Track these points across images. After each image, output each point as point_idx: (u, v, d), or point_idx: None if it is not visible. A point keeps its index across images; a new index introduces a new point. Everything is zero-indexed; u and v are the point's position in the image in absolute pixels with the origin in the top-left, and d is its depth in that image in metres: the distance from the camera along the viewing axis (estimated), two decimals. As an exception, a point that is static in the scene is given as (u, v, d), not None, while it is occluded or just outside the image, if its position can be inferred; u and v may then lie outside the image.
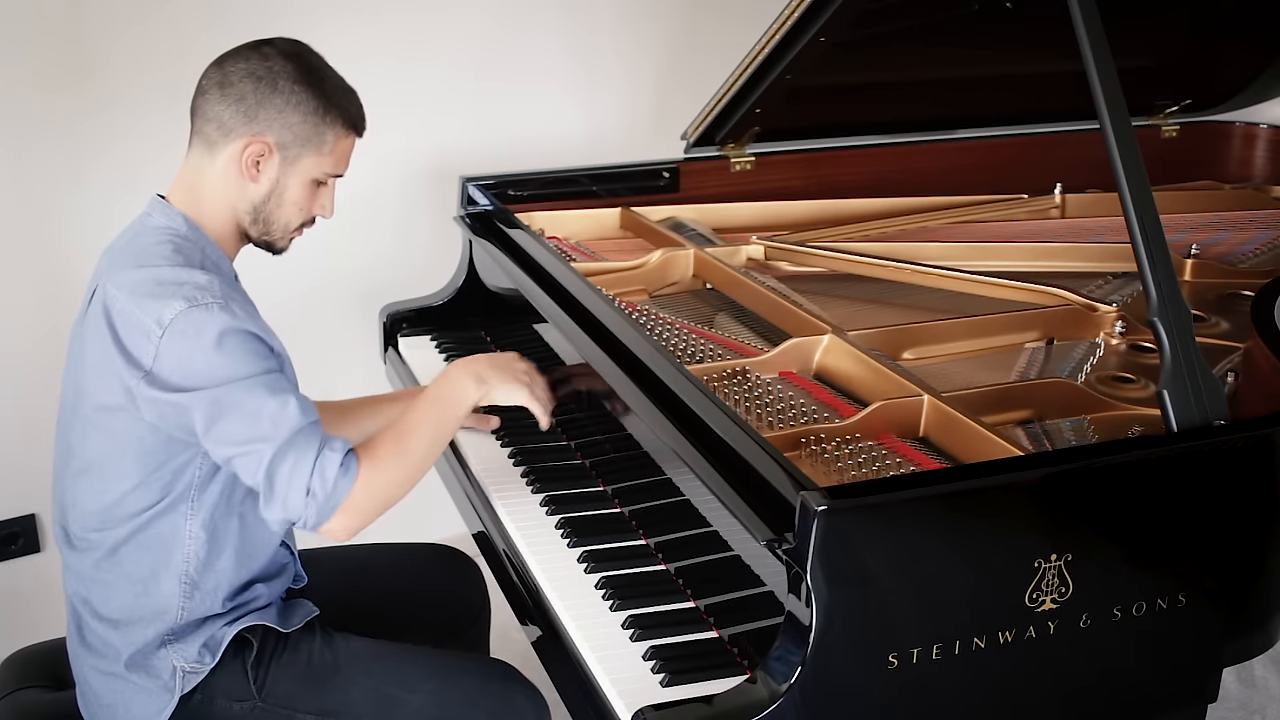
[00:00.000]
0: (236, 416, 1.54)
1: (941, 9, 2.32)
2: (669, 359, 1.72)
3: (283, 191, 1.68)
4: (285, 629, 1.71)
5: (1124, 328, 2.03)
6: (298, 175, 1.68)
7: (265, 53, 1.66)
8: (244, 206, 1.68)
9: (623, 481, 1.85)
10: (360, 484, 1.58)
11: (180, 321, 1.53)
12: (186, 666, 1.65)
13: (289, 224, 1.72)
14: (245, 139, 1.64)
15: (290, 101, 1.64)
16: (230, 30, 2.70)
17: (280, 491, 1.55)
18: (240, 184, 1.66)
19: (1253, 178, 2.96)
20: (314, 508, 1.56)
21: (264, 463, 1.54)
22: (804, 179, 2.65)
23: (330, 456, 1.56)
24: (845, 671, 1.35)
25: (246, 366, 1.55)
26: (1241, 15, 2.57)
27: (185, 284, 1.56)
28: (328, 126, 1.67)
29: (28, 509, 2.72)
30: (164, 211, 1.67)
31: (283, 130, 1.64)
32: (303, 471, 1.54)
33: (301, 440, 1.55)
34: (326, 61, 1.71)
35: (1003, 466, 1.48)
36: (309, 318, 2.93)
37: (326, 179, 1.71)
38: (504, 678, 1.75)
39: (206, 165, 1.66)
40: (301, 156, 1.67)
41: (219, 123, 1.64)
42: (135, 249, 1.64)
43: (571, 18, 3.04)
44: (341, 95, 1.69)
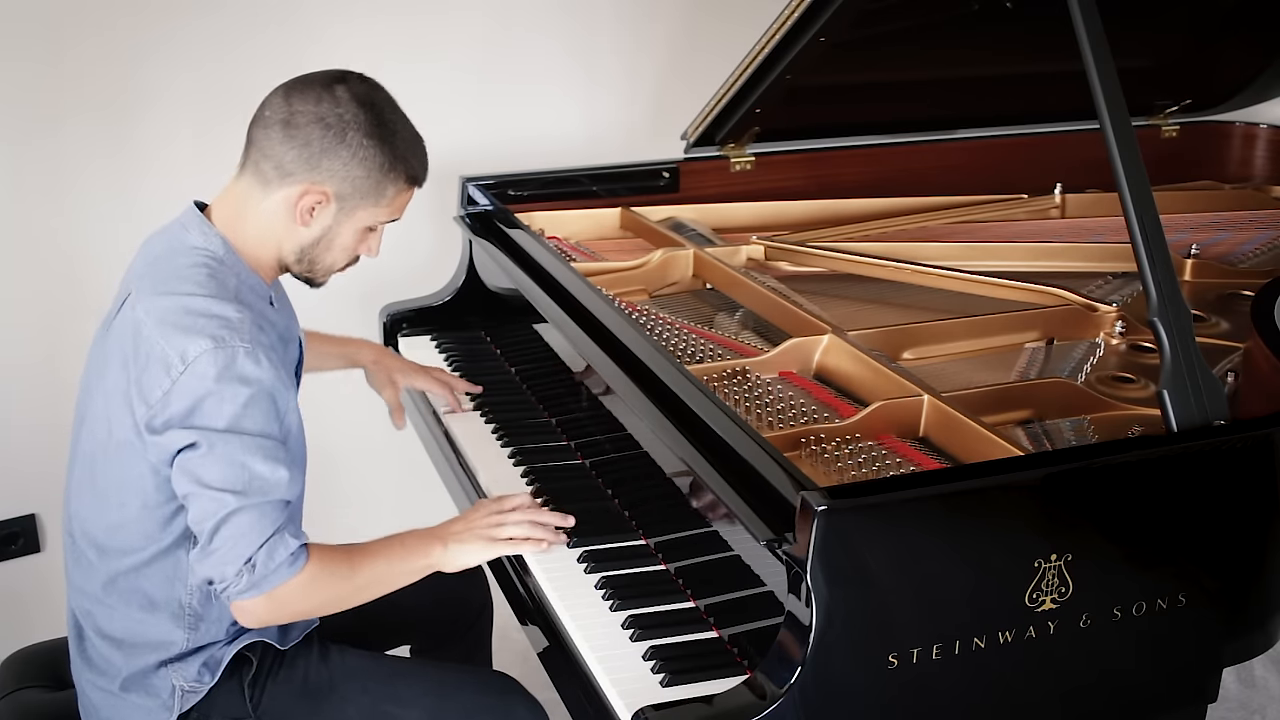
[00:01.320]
0: (221, 463, 1.50)
1: (941, 9, 2.32)
2: (669, 359, 1.72)
3: (334, 238, 1.64)
4: (283, 645, 1.70)
5: (1124, 328, 2.03)
6: (351, 224, 1.64)
7: (338, 97, 1.58)
8: (290, 246, 1.63)
9: (623, 481, 1.84)
10: (300, 580, 1.54)
11: (204, 361, 1.49)
12: (186, 686, 1.64)
13: (334, 265, 1.68)
14: (303, 186, 1.58)
15: (357, 155, 1.58)
16: (230, 30, 2.71)
17: (220, 549, 1.50)
18: (290, 226, 1.61)
19: (1253, 178, 2.96)
20: (246, 580, 1.51)
21: (220, 513, 1.50)
22: (804, 179, 2.65)
23: (287, 541, 1.52)
24: (845, 671, 1.35)
25: (253, 425, 1.51)
26: (1241, 15, 2.57)
27: (215, 318, 1.52)
28: (390, 182, 1.62)
29: (28, 509, 2.72)
30: (202, 230, 1.61)
31: (343, 183, 1.59)
32: (252, 540, 1.50)
33: (266, 510, 1.51)
34: (399, 108, 1.66)
35: (1003, 466, 1.48)
36: (309, 318, 2.92)
37: (380, 226, 1.68)
38: (502, 690, 1.74)
39: (258, 198, 1.60)
40: (359, 209, 1.62)
41: (277, 162, 1.58)
42: (170, 270, 1.59)
43: (572, 18, 3.04)
44: (409, 150, 1.64)
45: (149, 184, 2.62)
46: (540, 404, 2.14)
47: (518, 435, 2.05)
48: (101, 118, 2.60)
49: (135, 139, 2.62)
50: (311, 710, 1.68)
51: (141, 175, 2.62)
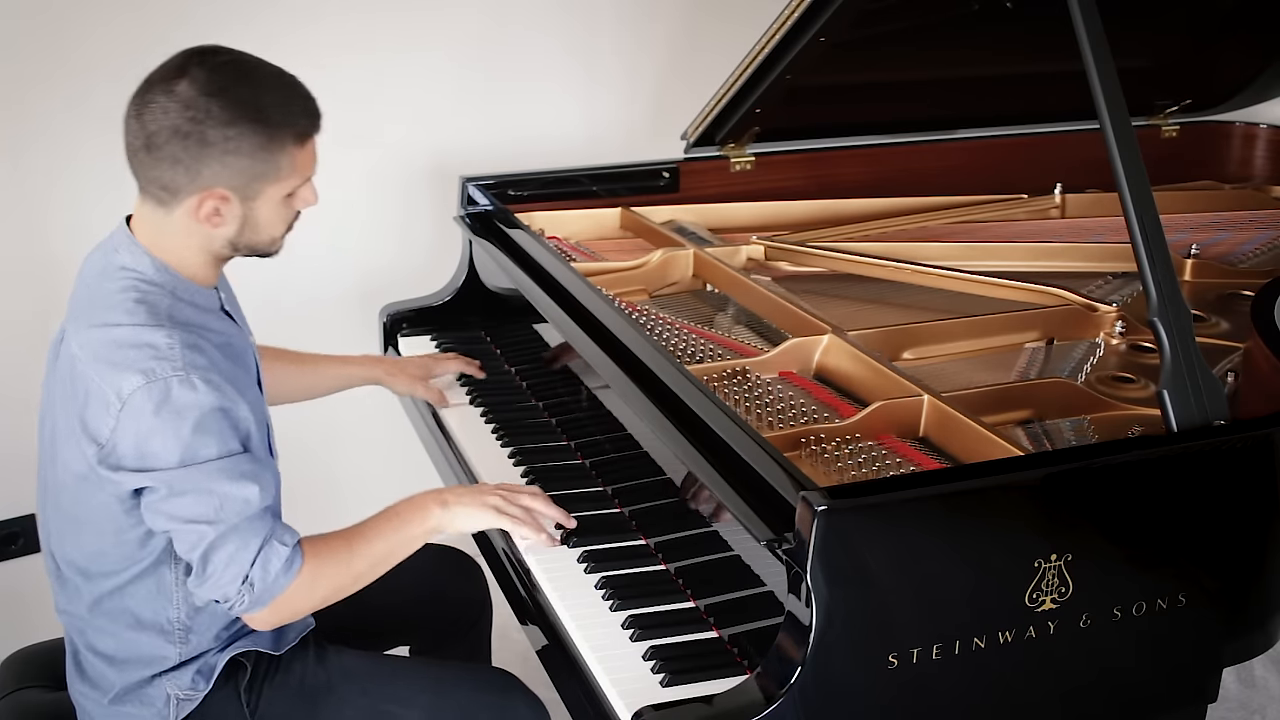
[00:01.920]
0: (187, 497, 1.49)
1: (941, 9, 2.32)
2: (669, 359, 1.72)
3: (255, 222, 1.57)
4: (278, 650, 1.69)
5: (1124, 328, 2.03)
6: (265, 204, 1.56)
7: (182, 97, 1.47)
8: (218, 245, 1.58)
9: (623, 481, 1.84)
10: (300, 582, 1.55)
11: (138, 398, 1.46)
12: (180, 695, 1.63)
13: (274, 236, 1.61)
14: (196, 196, 1.51)
15: (228, 149, 1.48)
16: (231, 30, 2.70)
17: (215, 574, 1.51)
18: (205, 231, 1.55)
19: (1253, 178, 2.96)
20: (249, 597, 1.52)
21: (203, 544, 1.50)
22: (804, 179, 2.65)
23: (277, 550, 1.53)
24: (845, 671, 1.35)
25: (205, 450, 1.49)
26: (1241, 15, 2.57)
27: (144, 347, 1.48)
28: (277, 153, 1.52)
29: (28, 509, 2.72)
30: (130, 250, 1.56)
31: (232, 177, 1.51)
32: (243, 560, 1.51)
33: (247, 528, 1.51)
34: (256, 67, 1.53)
35: (1003, 466, 1.48)
36: (309, 318, 2.93)
37: (299, 187, 1.59)
38: (502, 688, 1.74)
39: (163, 217, 1.54)
40: (263, 189, 1.54)
41: (160, 184, 1.51)
42: (100, 297, 1.55)
43: (572, 18, 3.04)
44: (284, 111, 1.52)
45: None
46: (540, 404, 2.14)
47: (517, 435, 2.05)
48: (103, 117, 2.59)
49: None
50: (310, 712, 1.68)
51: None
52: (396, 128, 2.91)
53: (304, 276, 2.90)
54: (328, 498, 2.86)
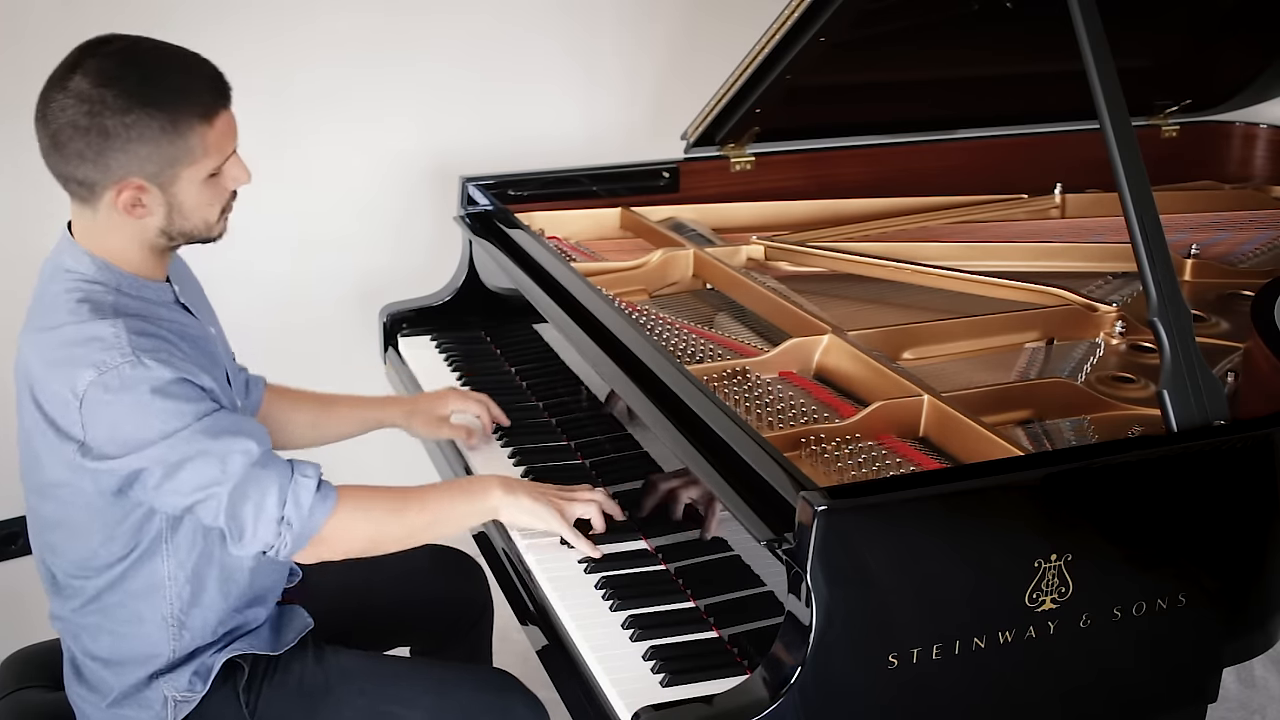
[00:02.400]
0: (184, 469, 1.48)
1: (941, 9, 2.32)
2: (669, 359, 1.72)
3: (180, 207, 1.53)
4: (276, 650, 1.69)
5: (1124, 328, 2.03)
6: (186, 188, 1.52)
7: (77, 91, 1.45)
8: (151, 236, 1.55)
9: (623, 482, 1.84)
10: (343, 513, 1.54)
11: (94, 391, 1.45)
12: (178, 696, 1.63)
13: (208, 221, 1.57)
14: (112, 189, 1.49)
15: (130, 137, 1.45)
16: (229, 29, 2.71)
17: (248, 529, 1.51)
18: (133, 223, 1.52)
19: (1253, 178, 2.96)
20: (290, 536, 1.52)
21: (222, 506, 1.49)
22: (804, 179, 2.65)
23: (303, 483, 1.52)
24: (845, 671, 1.35)
25: (178, 418, 1.47)
26: (1241, 15, 2.57)
27: (91, 341, 1.47)
28: (186, 133, 1.48)
29: (28, 509, 2.72)
30: (72, 253, 1.55)
31: (142, 164, 1.47)
32: (270, 504, 1.50)
33: (259, 474, 1.50)
34: (150, 50, 1.51)
35: (1003, 466, 1.48)
36: (309, 318, 2.93)
37: (221, 165, 1.54)
38: (501, 688, 1.73)
39: (90, 215, 1.53)
40: (178, 174, 1.50)
41: (76, 181, 1.50)
42: (46, 301, 1.55)
43: (572, 18, 3.04)
44: (182, 91, 1.48)
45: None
46: (540, 404, 2.14)
47: (518, 435, 2.05)
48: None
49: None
50: (309, 713, 1.67)
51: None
52: (397, 128, 2.92)
53: (304, 276, 2.90)
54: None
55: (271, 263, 2.88)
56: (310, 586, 1.85)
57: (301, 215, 2.87)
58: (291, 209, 2.87)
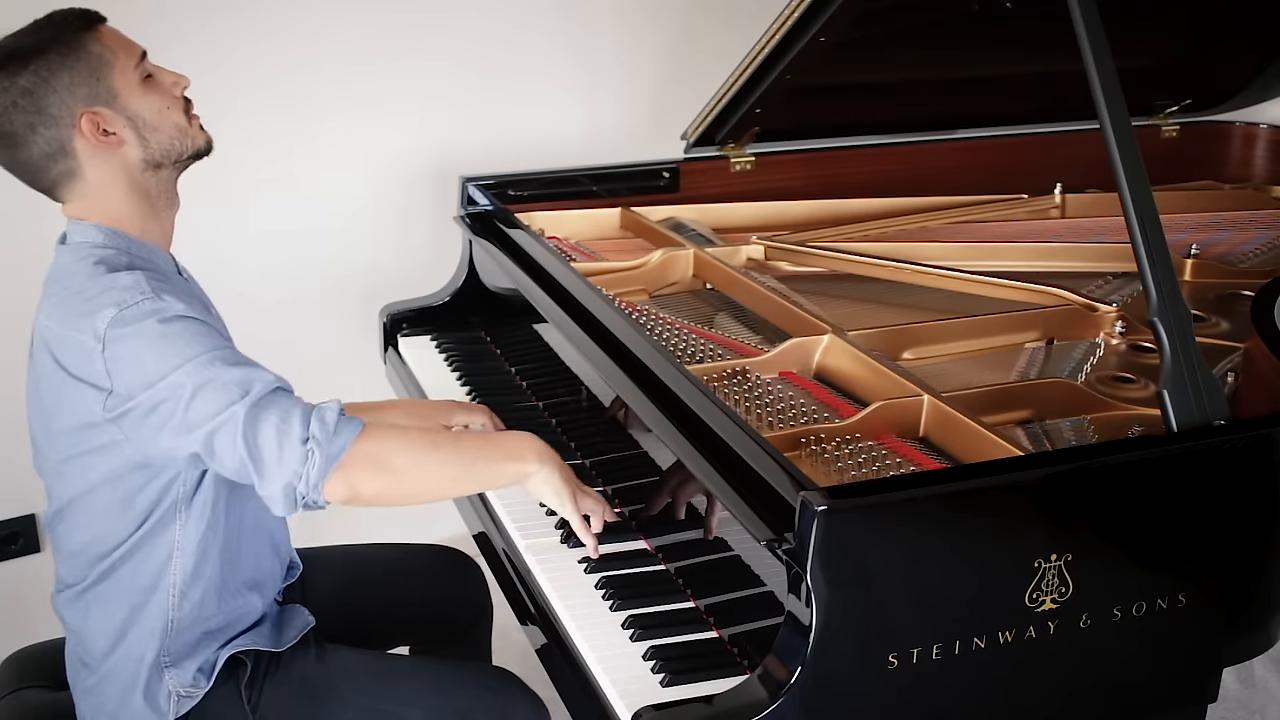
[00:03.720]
0: (201, 395, 1.45)
1: (941, 9, 2.32)
2: (669, 359, 1.72)
3: (140, 116, 1.58)
4: (279, 648, 1.69)
5: (1124, 328, 2.03)
6: (129, 94, 1.57)
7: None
8: (137, 163, 1.59)
9: (623, 481, 1.84)
10: (371, 445, 1.48)
11: (116, 327, 1.47)
12: (181, 691, 1.63)
13: (179, 124, 1.61)
14: (72, 131, 1.54)
15: (45, 78, 1.52)
16: (230, 30, 2.71)
17: (269, 454, 1.45)
18: (118, 158, 1.57)
19: (1253, 178, 2.96)
20: (318, 457, 1.44)
21: (239, 426, 1.44)
22: (804, 179, 2.65)
23: (326, 405, 1.49)
24: (845, 671, 1.35)
25: (197, 345, 1.48)
26: (1241, 15, 2.57)
27: (109, 289, 1.50)
28: (84, 56, 1.54)
29: (28, 509, 2.72)
30: (78, 229, 1.60)
31: (75, 92, 1.53)
32: (293, 425, 1.45)
33: (280, 399, 1.47)
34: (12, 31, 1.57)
35: (1003, 466, 1.48)
36: (309, 318, 2.93)
37: (141, 72, 1.59)
38: (501, 687, 1.74)
39: (82, 182, 1.58)
40: (111, 84, 1.56)
41: (43, 153, 1.55)
42: (58, 275, 1.59)
43: (571, 18, 3.04)
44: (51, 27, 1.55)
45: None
46: (540, 404, 2.14)
47: (518, 435, 2.05)
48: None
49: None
50: (311, 711, 1.68)
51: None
52: (397, 128, 2.92)
53: (304, 276, 2.90)
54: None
55: (271, 262, 2.88)
56: (311, 585, 1.86)
57: (301, 215, 2.87)
58: (292, 208, 2.87)
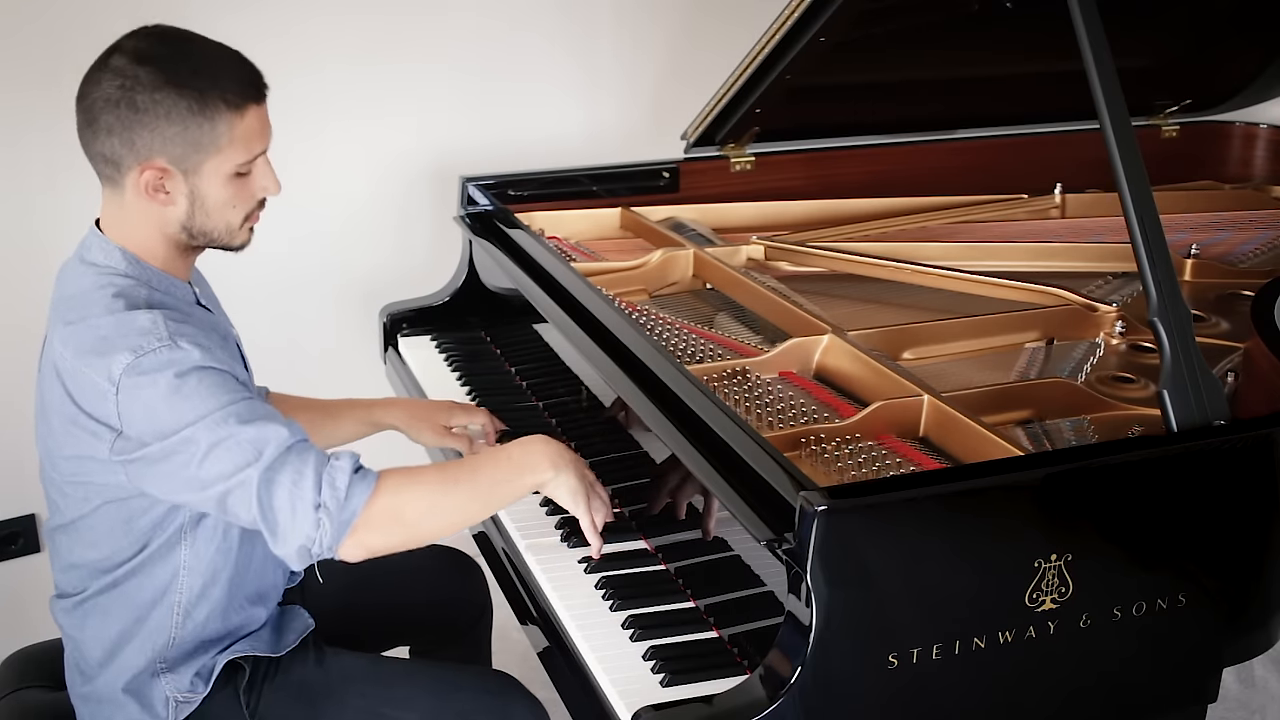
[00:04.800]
0: (215, 455, 1.43)
1: (941, 9, 2.32)
2: (669, 359, 1.72)
3: (203, 201, 1.54)
4: (277, 652, 1.68)
5: (1124, 328, 2.03)
6: (210, 180, 1.53)
7: (114, 67, 1.48)
8: (172, 228, 1.55)
9: (623, 482, 1.84)
10: (385, 500, 1.46)
11: (131, 375, 1.44)
12: (179, 696, 1.62)
13: (230, 225, 1.58)
14: (136, 169, 1.50)
15: (158, 114, 1.47)
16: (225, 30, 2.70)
17: (283, 517, 1.43)
18: (157, 210, 1.54)
19: (1253, 178, 2.96)
20: (329, 524, 1.43)
21: (253, 490, 1.42)
22: (804, 179, 2.65)
23: (339, 466, 1.45)
24: (845, 671, 1.35)
25: (213, 400, 1.44)
26: (1242, 15, 2.57)
27: (128, 332, 1.46)
28: (212, 120, 1.49)
29: (28, 509, 2.72)
30: (101, 248, 1.56)
31: (166, 145, 1.49)
32: (306, 489, 1.43)
33: (294, 458, 1.44)
34: (191, 39, 1.53)
35: (1003, 466, 1.48)
36: (309, 318, 2.93)
37: (247, 167, 1.56)
38: (501, 690, 1.73)
39: (118, 198, 1.55)
40: (203, 162, 1.51)
41: (105, 158, 1.52)
42: (78, 295, 1.54)
43: (571, 18, 3.04)
44: (214, 77, 1.50)
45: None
46: (540, 404, 2.14)
47: (518, 435, 2.05)
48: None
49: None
50: (309, 715, 1.67)
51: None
52: (397, 128, 2.92)
53: (304, 276, 2.90)
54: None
55: (271, 262, 2.87)
56: (310, 587, 1.85)
57: (301, 215, 2.87)
58: (292, 208, 2.86)
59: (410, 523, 1.50)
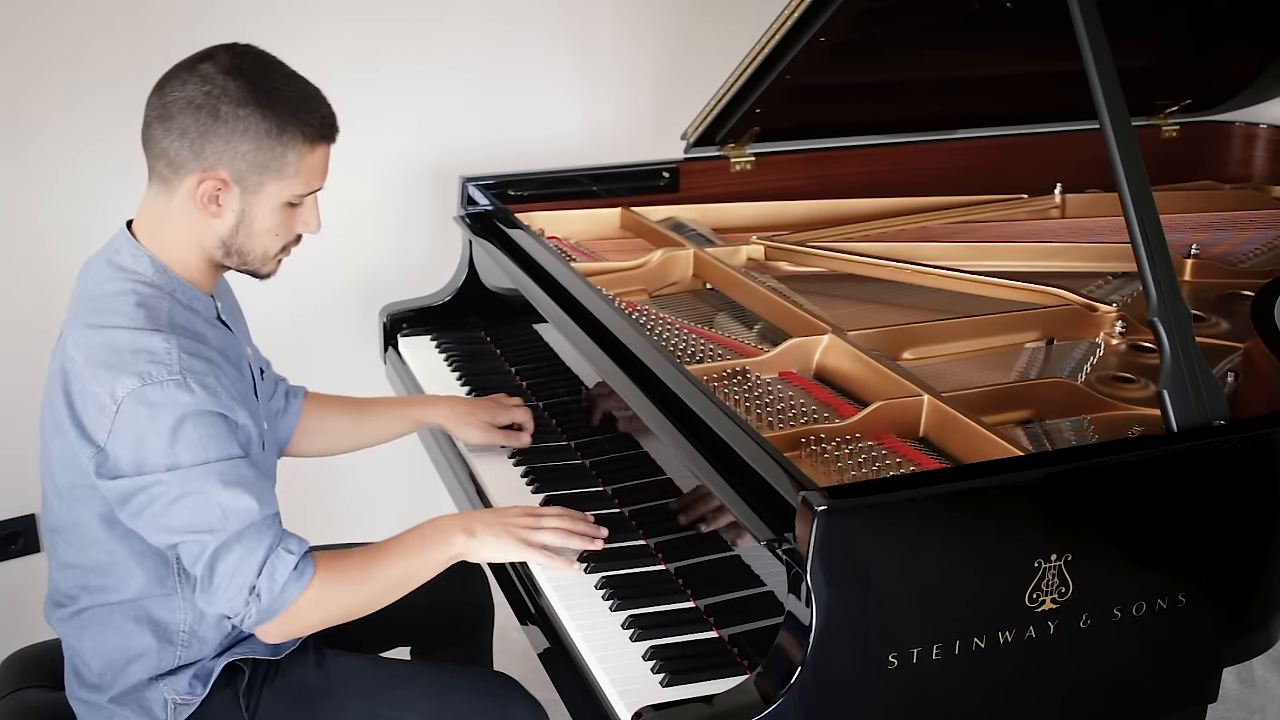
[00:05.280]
0: (184, 504, 1.47)
1: (941, 9, 2.32)
2: (669, 359, 1.72)
3: (251, 222, 1.56)
4: (276, 656, 1.68)
5: (1124, 328, 2.03)
6: (264, 203, 1.55)
7: (204, 73, 1.51)
8: (212, 242, 1.57)
9: (623, 481, 1.84)
10: (311, 595, 1.51)
11: (133, 401, 1.46)
12: (178, 699, 1.62)
13: (266, 252, 1.60)
14: (197, 175, 1.52)
15: (237, 129, 1.50)
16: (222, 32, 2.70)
17: (220, 586, 1.48)
18: (203, 220, 1.55)
19: (1253, 178, 2.96)
20: (256, 609, 1.49)
21: (206, 553, 1.47)
22: (804, 179, 2.65)
23: (284, 558, 1.49)
24: (845, 671, 1.35)
25: (201, 453, 1.47)
26: (1242, 15, 2.57)
27: (141, 352, 1.47)
28: (286, 147, 1.53)
29: (28, 509, 2.72)
30: (131, 252, 1.57)
31: (235, 161, 1.51)
32: (249, 569, 1.48)
33: (251, 536, 1.48)
34: (280, 65, 1.57)
35: (1003, 466, 1.48)
36: (309, 318, 2.93)
37: (300, 199, 1.59)
38: (500, 692, 1.73)
39: (165, 202, 1.56)
40: (264, 184, 1.54)
41: (167, 159, 1.52)
42: (100, 298, 1.54)
43: (571, 18, 3.04)
44: (298, 108, 1.54)
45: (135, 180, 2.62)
46: (540, 404, 2.14)
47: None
48: (101, 121, 2.60)
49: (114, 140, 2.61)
50: (309, 717, 1.68)
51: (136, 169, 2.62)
52: (397, 128, 2.91)
53: (304, 276, 2.89)
54: (327, 500, 2.86)
55: (271, 263, 2.87)
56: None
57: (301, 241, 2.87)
58: (291, 209, 2.87)
59: (333, 612, 1.57)
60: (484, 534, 1.63)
